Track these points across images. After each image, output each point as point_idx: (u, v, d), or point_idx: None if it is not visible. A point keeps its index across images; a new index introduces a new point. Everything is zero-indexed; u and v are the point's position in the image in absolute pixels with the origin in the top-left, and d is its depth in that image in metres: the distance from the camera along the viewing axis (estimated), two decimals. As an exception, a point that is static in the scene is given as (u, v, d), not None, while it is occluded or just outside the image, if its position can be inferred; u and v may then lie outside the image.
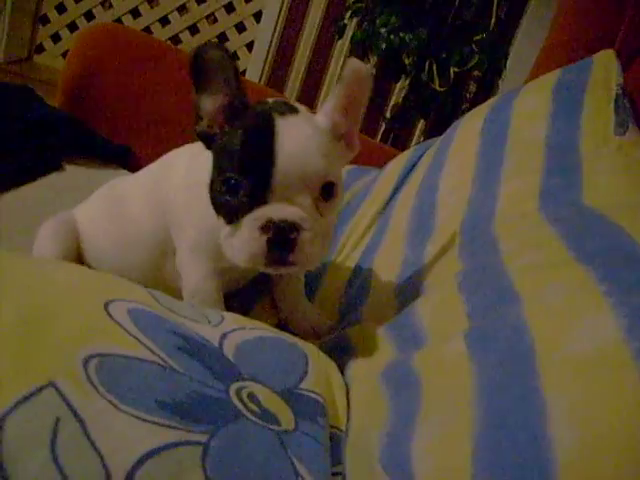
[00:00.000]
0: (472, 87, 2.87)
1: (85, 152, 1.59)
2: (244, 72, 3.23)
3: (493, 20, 2.53)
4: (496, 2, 2.53)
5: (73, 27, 3.54)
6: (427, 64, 2.52)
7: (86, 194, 1.11)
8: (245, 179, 0.68)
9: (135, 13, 3.44)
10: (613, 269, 0.51)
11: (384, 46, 2.46)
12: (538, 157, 0.86)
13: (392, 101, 3.03)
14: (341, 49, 3.07)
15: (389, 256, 0.99)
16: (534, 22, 2.64)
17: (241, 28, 3.33)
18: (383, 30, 2.46)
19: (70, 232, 1.03)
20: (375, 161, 1.51)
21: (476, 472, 0.42)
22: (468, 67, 2.51)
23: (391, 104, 3.02)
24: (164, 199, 0.90)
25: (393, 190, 1.20)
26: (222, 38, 3.36)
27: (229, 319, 0.67)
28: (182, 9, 3.38)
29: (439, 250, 0.85)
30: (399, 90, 2.94)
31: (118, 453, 0.40)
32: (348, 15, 2.66)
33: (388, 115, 2.99)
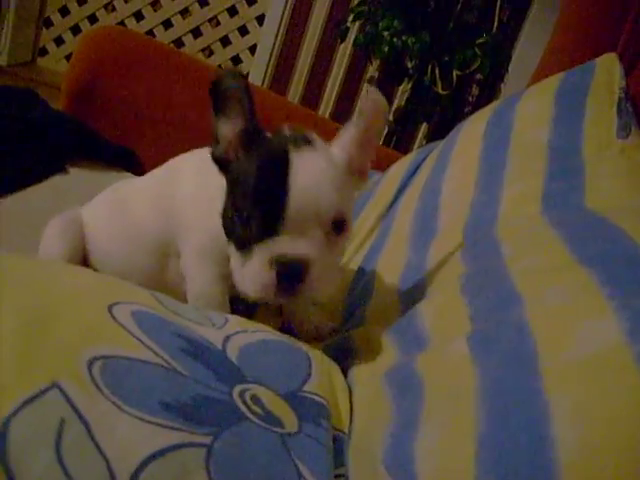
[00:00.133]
0: (475, 90, 2.87)
1: (89, 155, 1.59)
2: (247, 75, 3.23)
3: (496, 23, 2.53)
4: (499, 5, 2.53)
5: (76, 30, 3.55)
6: (430, 67, 2.53)
7: (90, 197, 1.12)
8: (258, 211, 0.68)
9: (138, 16, 3.45)
10: (615, 272, 0.51)
11: (387, 49, 2.47)
12: (541, 160, 0.86)
13: (395, 104, 3.03)
14: (344, 52, 3.07)
15: (392, 259, 0.99)
16: (537, 25, 2.64)
17: (244, 31, 3.34)
18: (386, 33, 2.47)
19: (77, 231, 1.04)
20: (378, 164, 1.49)
21: (479, 473, 0.42)
22: (471, 70, 2.51)
23: (394, 107, 3.03)
24: (170, 205, 0.90)
25: (396, 193, 1.20)
26: (225, 41, 3.37)
27: (232, 322, 0.67)
28: (185, 12, 3.39)
29: (442, 253, 0.85)
30: (402, 93, 2.94)
31: (122, 455, 0.40)
32: (351, 18, 2.66)
33: (391, 118, 2.99)
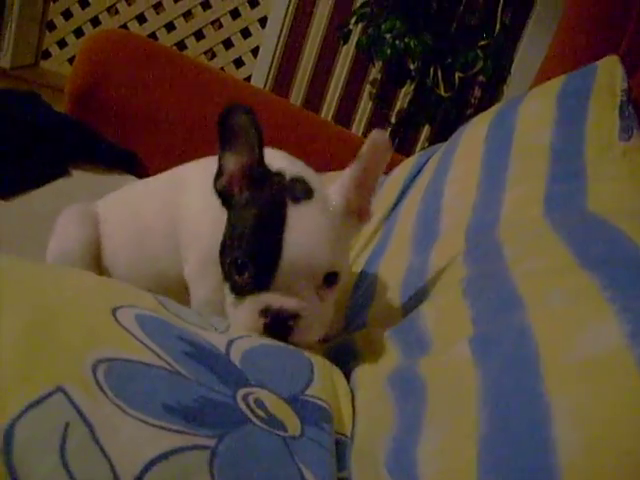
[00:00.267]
0: (477, 92, 2.87)
1: (92, 158, 1.60)
2: (249, 78, 3.24)
3: (498, 25, 2.53)
4: (501, 8, 2.53)
5: (79, 33, 3.55)
6: (432, 69, 2.53)
7: (93, 199, 1.11)
8: (252, 264, 0.70)
9: (141, 19, 3.46)
10: (617, 275, 0.51)
11: (389, 51, 2.47)
12: (543, 163, 0.86)
13: (397, 106, 3.03)
14: (346, 55, 3.07)
15: (394, 261, 0.99)
16: (539, 28, 2.64)
17: (246, 34, 3.34)
18: (388, 35, 2.47)
19: (94, 221, 1.04)
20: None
21: (481, 475, 0.42)
22: (473, 72, 2.52)
23: (396, 109, 3.03)
24: (176, 213, 0.92)
25: (398, 196, 1.20)
26: (227, 44, 3.37)
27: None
28: (188, 15, 3.39)
29: (444, 255, 0.85)
30: (404, 95, 2.95)
31: (126, 458, 0.41)
32: (353, 21, 2.66)
33: (393, 120, 3.00)
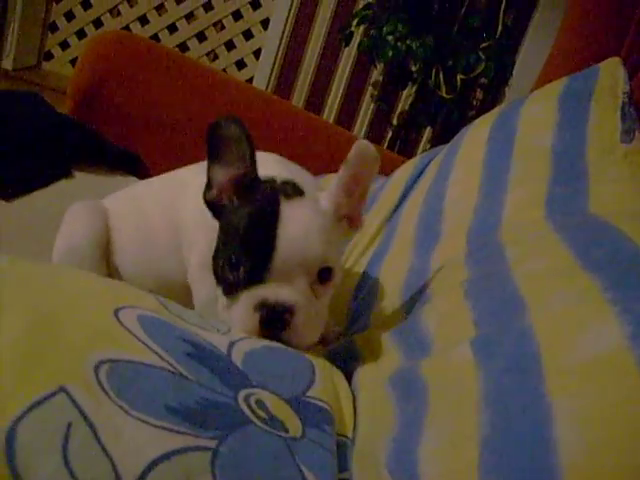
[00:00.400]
0: (479, 94, 2.87)
1: (94, 159, 1.60)
2: (251, 80, 3.24)
3: (500, 27, 2.54)
4: (503, 9, 2.54)
5: (82, 34, 3.57)
6: (434, 71, 2.53)
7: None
8: (245, 258, 0.70)
9: (143, 20, 3.47)
10: (618, 277, 0.51)
11: (391, 53, 2.48)
12: (544, 165, 0.86)
13: (399, 108, 3.04)
14: (348, 57, 3.08)
15: (396, 263, 0.99)
16: (541, 30, 2.64)
17: (248, 35, 3.35)
18: (390, 38, 2.47)
19: (103, 216, 1.05)
20: (382, 169, 1.49)
21: (482, 476, 0.42)
22: (475, 74, 2.52)
23: (398, 111, 3.03)
24: (176, 217, 0.93)
25: (400, 198, 1.20)
26: (229, 45, 3.38)
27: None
28: (190, 16, 3.40)
29: (446, 257, 0.86)
30: (406, 97, 2.95)
31: (128, 458, 0.41)
32: (355, 23, 2.67)
33: (395, 122, 3.00)
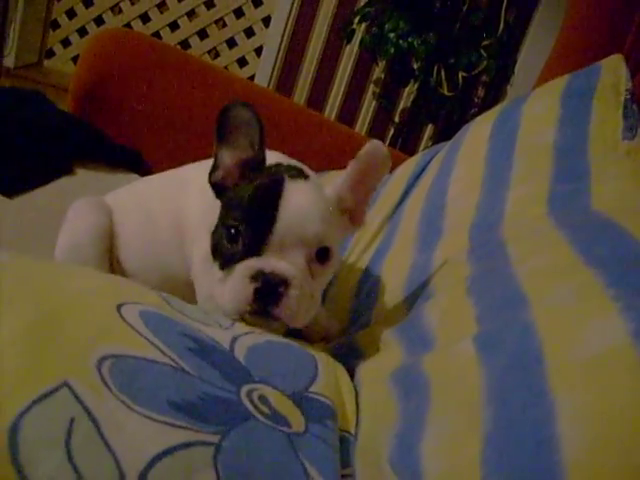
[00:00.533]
0: (481, 92, 2.87)
1: (96, 156, 1.60)
2: (253, 77, 3.24)
3: (502, 25, 2.53)
4: (505, 7, 2.53)
5: (83, 32, 3.57)
6: (435, 69, 2.53)
7: (97, 198, 1.12)
8: (246, 229, 0.71)
9: (144, 18, 3.47)
10: (621, 274, 0.51)
11: (392, 51, 2.48)
12: (547, 162, 0.86)
13: (400, 106, 3.04)
14: (349, 54, 3.08)
15: (398, 260, 0.99)
16: (542, 27, 2.64)
17: (250, 33, 3.35)
18: (392, 35, 2.47)
19: (107, 212, 1.05)
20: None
21: (484, 472, 0.42)
22: (476, 72, 2.52)
23: (399, 109, 3.03)
24: (179, 214, 0.94)
25: (402, 194, 1.20)
26: (231, 43, 3.38)
27: (239, 323, 0.68)
28: (191, 14, 3.40)
29: (448, 254, 0.86)
30: (407, 95, 2.95)
31: (131, 453, 0.41)
32: (357, 20, 2.67)
33: (397, 120, 3.00)
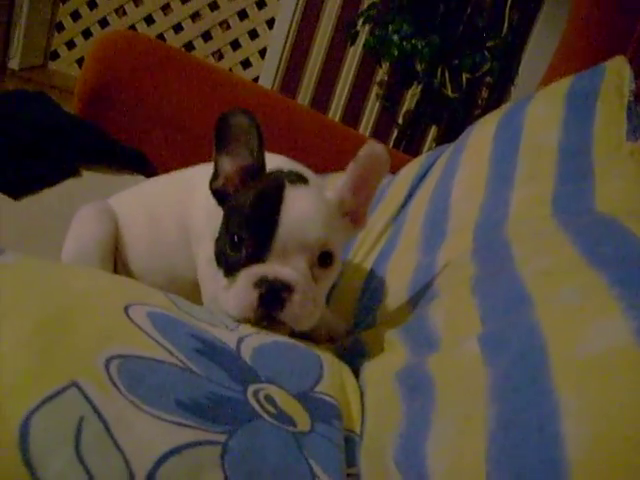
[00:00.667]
0: (484, 93, 2.87)
1: (101, 158, 1.60)
2: (257, 79, 3.25)
3: (505, 27, 2.53)
4: (508, 9, 2.53)
5: (88, 34, 3.58)
6: (439, 70, 2.53)
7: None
8: (248, 236, 0.72)
9: (149, 20, 3.47)
10: (624, 274, 0.51)
11: (396, 53, 2.48)
12: (551, 163, 0.86)
13: (404, 107, 3.04)
14: (353, 56, 3.08)
15: (403, 261, 0.99)
16: (546, 28, 2.64)
17: (254, 35, 3.35)
18: (395, 37, 2.47)
19: (112, 217, 1.06)
20: (388, 167, 1.51)
21: (490, 471, 0.42)
22: (480, 73, 2.52)
23: (403, 110, 3.03)
24: (185, 216, 0.94)
25: (406, 196, 1.20)
26: (235, 45, 3.38)
27: (245, 324, 0.69)
28: (195, 16, 3.41)
29: (452, 255, 0.86)
30: (411, 96, 2.95)
31: (140, 452, 0.41)
32: (360, 22, 2.67)
33: (400, 121, 3.00)
